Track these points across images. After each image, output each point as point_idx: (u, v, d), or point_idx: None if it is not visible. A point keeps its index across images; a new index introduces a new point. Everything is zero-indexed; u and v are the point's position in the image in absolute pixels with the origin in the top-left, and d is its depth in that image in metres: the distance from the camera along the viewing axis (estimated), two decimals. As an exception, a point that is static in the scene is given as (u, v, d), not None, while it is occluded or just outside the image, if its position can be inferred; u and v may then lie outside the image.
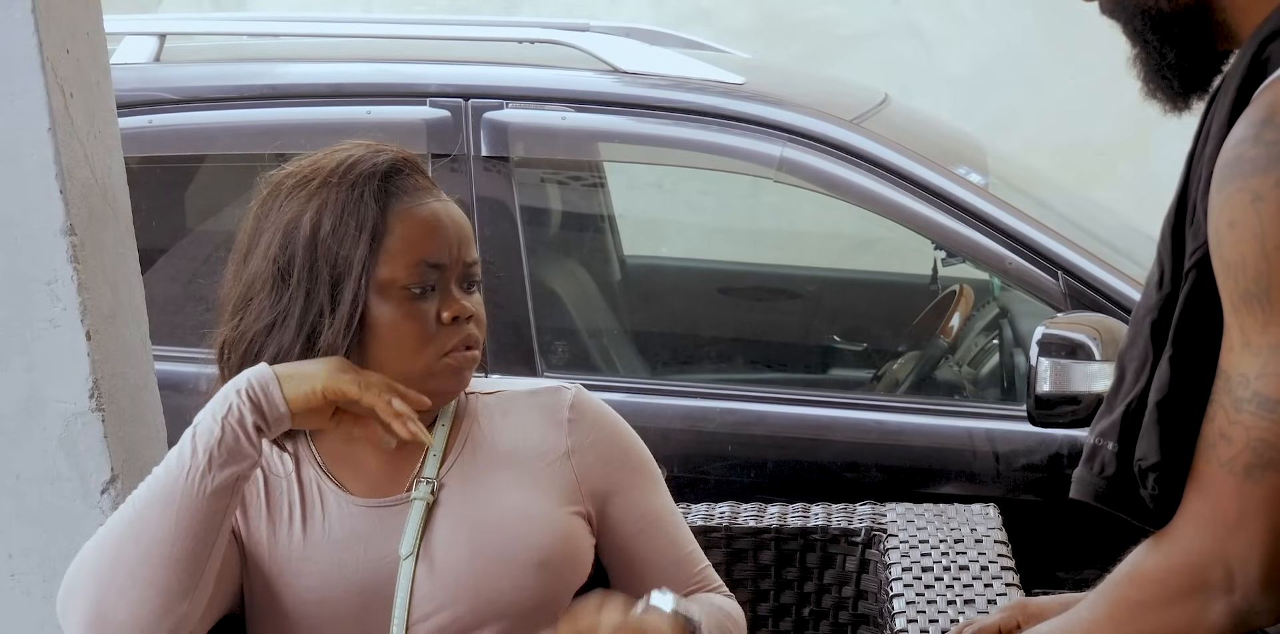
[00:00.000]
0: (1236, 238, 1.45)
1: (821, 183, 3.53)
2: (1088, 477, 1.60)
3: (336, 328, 1.92)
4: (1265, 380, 1.44)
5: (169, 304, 3.29)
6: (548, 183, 3.98)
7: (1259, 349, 1.45)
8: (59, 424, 2.35)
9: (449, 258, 1.96)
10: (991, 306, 3.80)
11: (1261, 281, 1.43)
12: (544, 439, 2.06)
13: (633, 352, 3.92)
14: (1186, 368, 1.51)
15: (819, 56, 6.43)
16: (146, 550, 1.82)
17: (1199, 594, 1.48)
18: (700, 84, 3.62)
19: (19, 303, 2.31)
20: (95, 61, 2.38)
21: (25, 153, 2.26)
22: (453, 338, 1.96)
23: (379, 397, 1.87)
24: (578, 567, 2.02)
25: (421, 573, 1.95)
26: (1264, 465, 1.45)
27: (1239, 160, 1.45)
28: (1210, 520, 1.48)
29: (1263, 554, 1.45)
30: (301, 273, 1.93)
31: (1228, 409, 1.47)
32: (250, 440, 1.84)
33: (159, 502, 1.83)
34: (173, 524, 1.82)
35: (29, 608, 2.42)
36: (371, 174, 1.95)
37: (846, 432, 3.36)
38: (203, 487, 1.82)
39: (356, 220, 1.93)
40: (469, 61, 3.87)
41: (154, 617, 1.82)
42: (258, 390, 1.85)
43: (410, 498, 1.99)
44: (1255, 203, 1.43)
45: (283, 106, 3.67)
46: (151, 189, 3.53)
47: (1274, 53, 1.49)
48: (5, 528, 2.40)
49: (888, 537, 2.38)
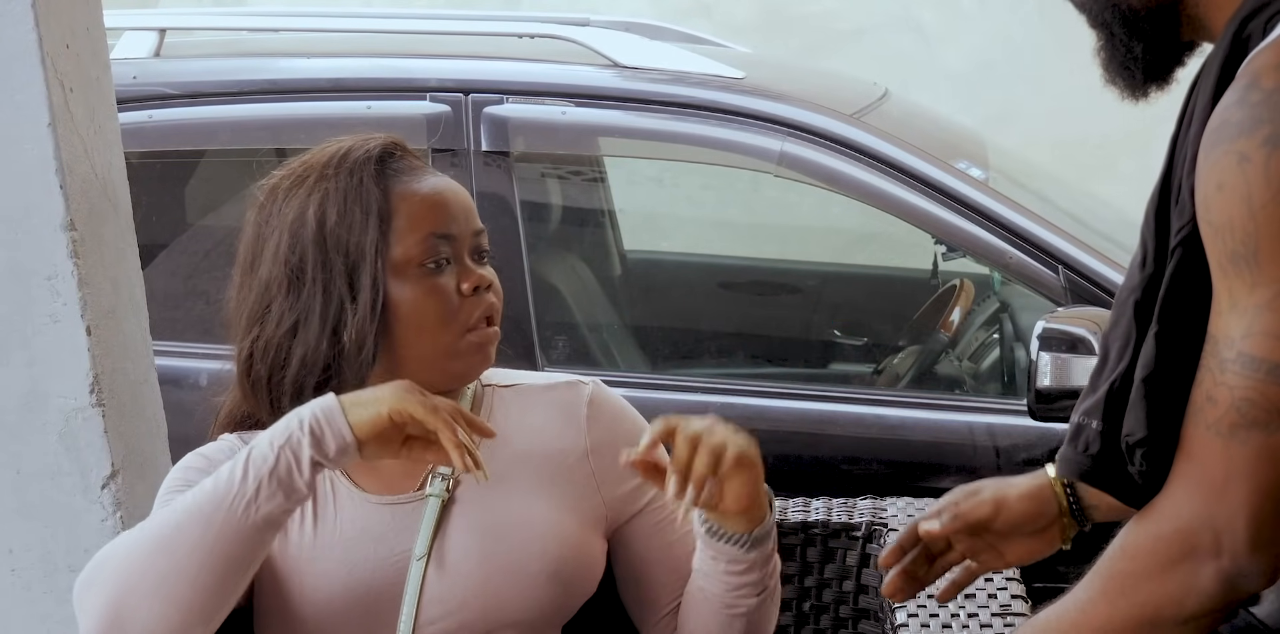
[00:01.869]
0: (1224, 200, 1.45)
1: (822, 177, 3.53)
2: (1073, 455, 1.61)
3: (361, 315, 1.90)
4: (1250, 340, 1.45)
5: (169, 299, 3.29)
6: (548, 178, 3.98)
7: (1245, 310, 1.46)
8: (59, 419, 2.35)
9: (458, 228, 1.96)
10: (992, 301, 3.80)
11: (1249, 242, 1.44)
12: (562, 437, 2.03)
13: (633, 346, 3.92)
14: (1172, 344, 1.52)
15: (818, 51, 6.43)
16: (178, 565, 1.78)
17: (1189, 561, 1.49)
18: (700, 79, 3.62)
19: (19, 298, 2.31)
20: (95, 57, 2.38)
21: (25, 148, 2.26)
22: (476, 309, 1.95)
23: (447, 423, 1.79)
24: (588, 578, 2.00)
25: (432, 575, 1.93)
26: (1248, 425, 1.45)
27: (1225, 124, 1.46)
28: (1198, 484, 1.49)
29: (1249, 516, 1.46)
30: (316, 269, 1.92)
31: (1214, 371, 1.47)
32: (303, 475, 1.78)
33: (200, 520, 1.78)
34: (210, 547, 1.78)
35: (29, 603, 2.42)
36: (366, 159, 1.95)
37: (847, 426, 3.36)
38: (246, 515, 1.77)
39: (361, 206, 1.92)
40: (469, 56, 3.87)
41: (171, 630, 1.79)
42: (321, 422, 1.79)
43: (425, 495, 1.97)
44: (1242, 164, 1.44)
45: (283, 102, 3.66)
46: (152, 184, 3.53)
47: (1255, 30, 1.51)
48: (6, 523, 2.40)
49: (888, 531, 2.37)
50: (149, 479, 2.44)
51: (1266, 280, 1.44)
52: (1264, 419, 1.44)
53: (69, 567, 2.39)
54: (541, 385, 2.10)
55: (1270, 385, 1.44)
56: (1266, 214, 1.43)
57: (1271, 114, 1.43)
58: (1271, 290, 1.44)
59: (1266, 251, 1.44)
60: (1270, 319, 1.44)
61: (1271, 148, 1.42)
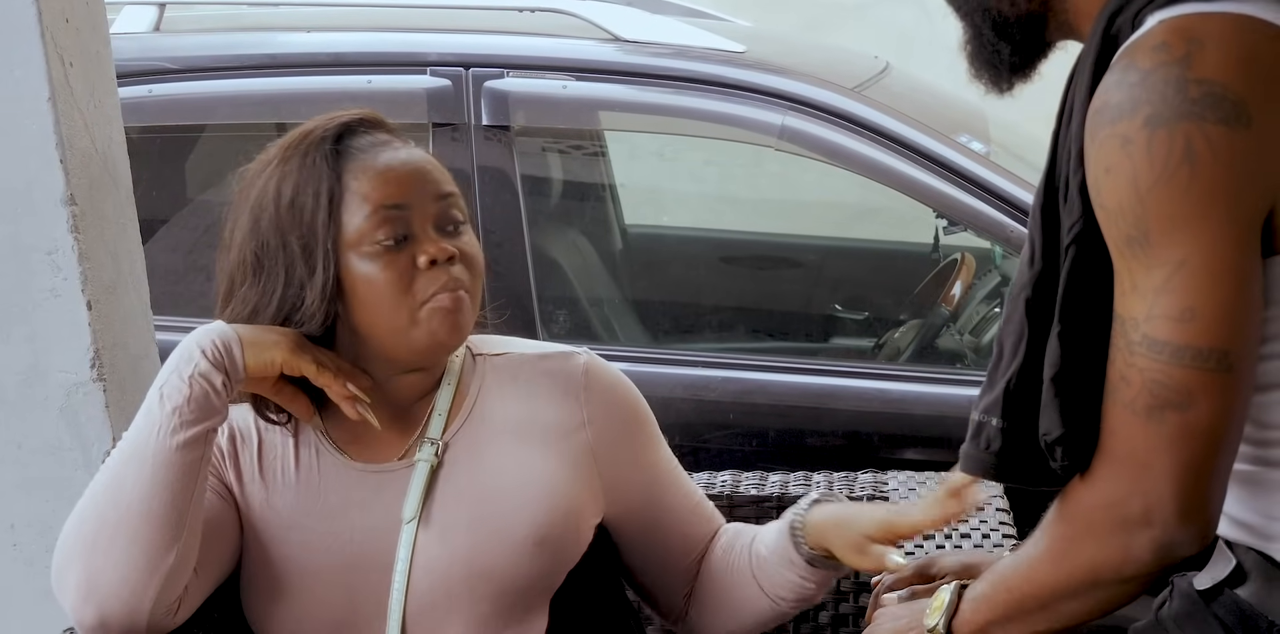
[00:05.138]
0: (1113, 184, 1.48)
1: (823, 151, 3.52)
2: (975, 453, 1.65)
3: (313, 295, 1.89)
4: (1153, 323, 1.48)
5: (170, 274, 3.29)
6: (549, 152, 3.98)
7: (1144, 292, 1.49)
8: (60, 394, 2.35)
9: (412, 198, 1.92)
10: (993, 275, 3.79)
11: (1140, 225, 1.47)
12: (558, 409, 2.03)
13: (634, 321, 3.92)
14: (1076, 341, 1.56)
15: (820, 25, 6.41)
16: (126, 509, 1.83)
17: (1123, 530, 1.53)
18: (701, 52, 3.62)
19: (20, 273, 2.31)
20: (95, 31, 2.38)
21: (25, 122, 2.26)
22: (433, 284, 1.90)
23: (333, 379, 1.91)
24: (575, 545, 1.99)
25: (423, 539, 1.93)
26: (1162, 406, 1.49)
27: (1105, 106, 1.49)
28: (1124, 460, 1.53)
29: (1175, 489, 1.50)
30: (276, 253, 1.91)
31: (1124, 352, 1.51)
32: (219, 397, 1.86)
33: (133, 461, 1.85)
34: (149, 481, 1.83)
35: (30, 577, 2.43)
36: (322, 139, 1.93)
37: (848, 400, 3.36)
38: (174, 442, 1.84)
39: (313, 186, 1.90)
40: (469, 30, 3.86)
41: (142, 574, 1.83)
42: (221, 351, 1.87)
43: (415, 460, 1.97)
44: (1125, 147, 1.47)
45: (283, 76, 3.66)
46: (152, 159, 3.52)
47: (1123, 24, 1.55)
48: (7, 498, 2.41)
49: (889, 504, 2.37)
50: (150, 454, 2.44)
51: (1160, 262, 1.47)
52: (1176, 400, 1.48)
53: (71, 541, 2.40)
54: (534, 354, 2.08)
55: (1175, 368, 1.48)
56: (1154, 196, 1.46)
57: (1149, 94, 1.46)
58: (1165, 271, 1.47)
59: (1157, 233, 1.47)
60: (1168, 301, 1.47)
61: (1152, 129, 1.45)
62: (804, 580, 2.02)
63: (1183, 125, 1.44)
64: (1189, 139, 1.44)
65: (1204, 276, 1.46)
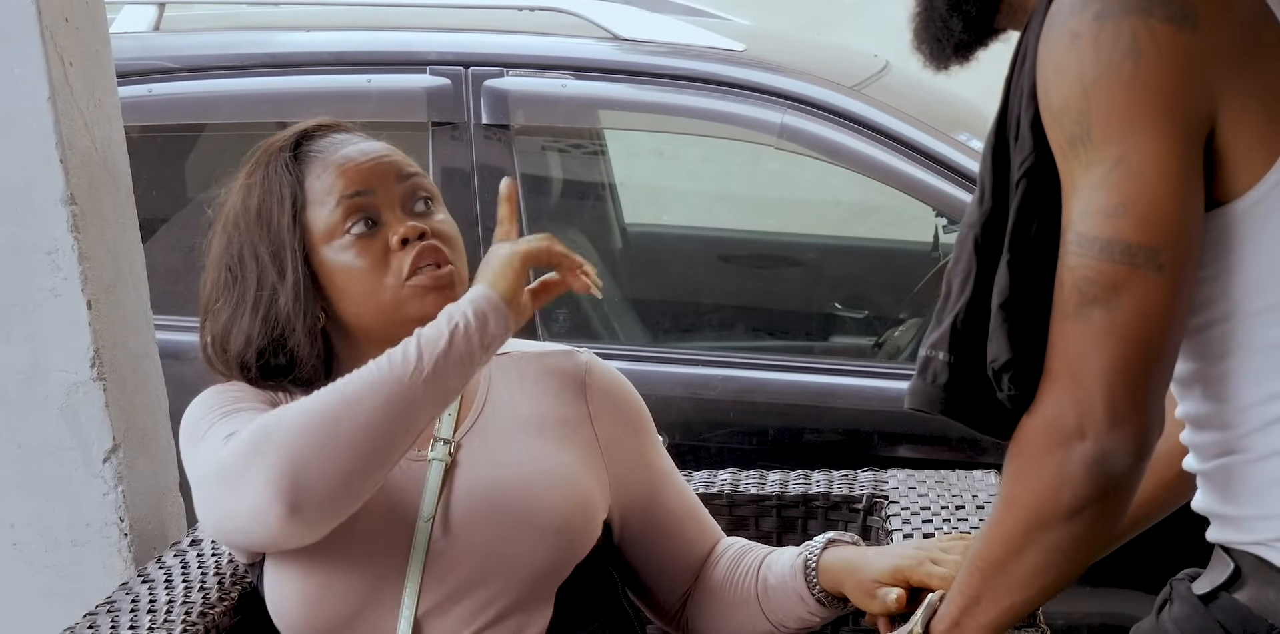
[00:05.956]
0: (1060, 82, 1.49)
1: (822, 150, 3.52)
2: (923, 387, 1.64)
3: (286, 297, 1.92)
4: (1085, 220, 1.47)
5: (170, 273, 3.28)
6: (548, 151, 3.98)
7: (1082, 190, 1.48)
8: (60, 394, 2.35)
9: (374, 183, 1.95)
10: (993, 273, 3.79)
11: (1084, 121, 1.47)
12: (564, 403, 2.05)
13: (634, 319, 3.92)
14: (1024, 269, 1.54)
15: (819, 23, 6.42)
16: (355, 427, 1.78)
17: (1059, 448, 1.51)
18: (700, 51, 3.62)
19: (20, 272, 2.31)
20: (95, 30, 2.38)
21: (25, 122, 2.26)
22: (409, 258, 1.92)
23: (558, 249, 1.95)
24: (590, 534, 2.01)
25: (438, 536, 1.93)
26: (1088, 302, 1.47)
27: (1059, 8, 1.49)
28: (1057, 372, 1.51)
29: (1103, 392, 1.48)
30: (249, 263, 1.95)
31: (1062, 257, 1.50)
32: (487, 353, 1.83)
33: (379, 390, 1.79)
34: (386, 409, 1.78)
35: (30, 577, 2.43)
36: (282, 147, 1.98)
37: (848, 399, 3.37)
38: (423, 385, 1.79)
39: (276, 193, 1.95)
40: (469, 29, 3.86)
41: (348, 490, 1.80)
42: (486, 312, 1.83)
43: (429, 459, 1.97)
44: (1074, 42, 1.47)
45: (283, 75, 3.66)
46: (152, 158, 3.52)
47: None
48: (7, 497, 2.41)
49: (889, 503, 2.37)
50: (150, 453, 2.44)
51: (1099, 158, 1.46)
52: (1103, 296, 1.46)
53: (70, 541, 2.40)
54: (536, 352, 2.11)
55: (1104, 262, 1.46)
56: (1098, 90, 1.46)
57: None
58: (1104, 167, 1.46)
59: (1099, 128, 1.46)
60: (1102, 197, 1.46)
61: (1101, 22, 1.45)
62: (811, 615, 2.04)
63: (1130, 20, 1.45)
64: (1134, 33, 1.45)
65: (1140, 173, 1.45)
